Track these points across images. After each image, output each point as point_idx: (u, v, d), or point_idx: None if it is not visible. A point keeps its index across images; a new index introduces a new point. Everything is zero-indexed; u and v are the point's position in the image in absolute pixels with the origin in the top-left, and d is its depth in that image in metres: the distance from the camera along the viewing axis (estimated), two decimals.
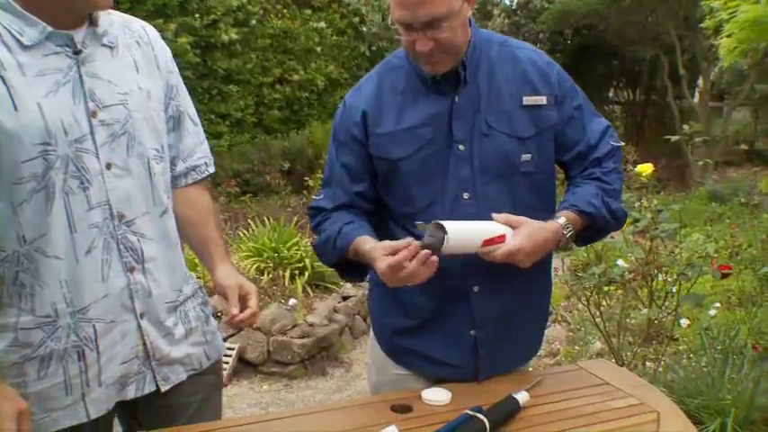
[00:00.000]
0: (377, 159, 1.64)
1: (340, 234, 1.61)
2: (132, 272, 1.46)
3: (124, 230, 1.45)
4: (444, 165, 1.59)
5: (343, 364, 4.62)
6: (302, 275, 5.05)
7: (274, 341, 4.43)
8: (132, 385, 1.50)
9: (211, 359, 1.64)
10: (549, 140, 1.64)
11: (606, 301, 3.56)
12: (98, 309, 1.43)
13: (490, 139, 1.59)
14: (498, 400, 1.50)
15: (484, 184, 1.59)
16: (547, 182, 1.68)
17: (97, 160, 1.41)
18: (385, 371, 1.78)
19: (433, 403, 1.55)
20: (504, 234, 1.51)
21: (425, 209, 1.59)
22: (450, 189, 1.59)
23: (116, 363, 1.47)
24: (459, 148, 1.59)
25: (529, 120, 1.61)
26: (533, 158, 1.61)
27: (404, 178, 1.61)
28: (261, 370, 4.42)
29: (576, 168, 1.69)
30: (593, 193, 1.62)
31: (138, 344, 1.49)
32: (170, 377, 1.55)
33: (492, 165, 1.59)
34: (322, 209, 1.70)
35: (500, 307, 1.64)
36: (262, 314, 4.53)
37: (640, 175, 3.22)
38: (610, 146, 1.67)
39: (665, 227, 3.11)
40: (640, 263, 3.23)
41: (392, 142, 1.61)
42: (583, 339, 4.31)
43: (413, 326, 1.70)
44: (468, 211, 1.58)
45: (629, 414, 1.53)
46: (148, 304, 1.50)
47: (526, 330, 1.74)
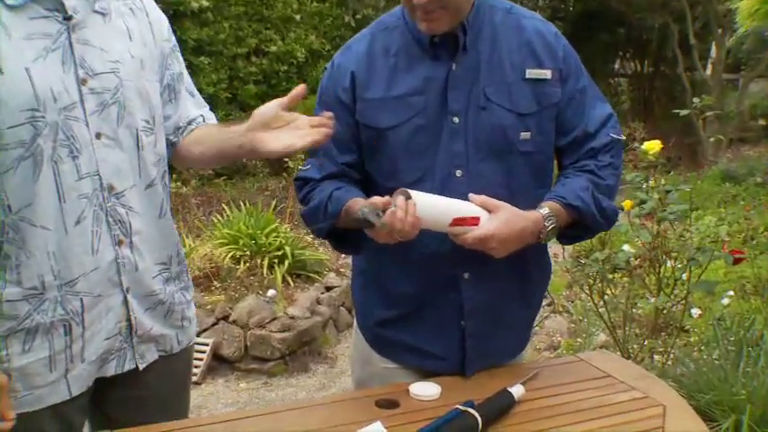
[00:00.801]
0: (363, 127, 1.64)
1: (331, 199, 1.61)
2: (120, 245, 1.55)
3: (113, 202, 1.53)
4: (436, 138, 1.60)
5: (327, 360, 4.63)
6: (282, 264, 5.05)
7: (252, 335, 4.43)
8: (113, 362, 1.59)
9: (182, 344, 1.73)
10: (550, 119, 1.64)
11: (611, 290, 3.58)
12: (86, 282, 1.51)
13: (488, 113, 1.59)
14: (491, 395, 1.52)
15: (478, 162, 1.60)
16: (546, 164, 1.68)
17: (87, 129, 1.48)
18: (369, 364, 1.79)
19: (421, 398, 1.56)
20: (478, 216, 1.51)
21: (413, 185, 1.59)
22: (441, 165, 1.60)
23: (100, 338, 1.55)
24: (453, 121, 1.59)
25: (531, 95, 1.61)
26: (533, 137, 1.62)
27: (391, 150, 1.62)
28: (238, 367, 4.43)
29: (569, 156, 1.69)
30: (584, 186, 1.62)
31: (122, 319, 1.58)
32: (146, 355, 1.64)
33: (488, 141, 1.59)
34: (309, 179, 1.70)
35: (491, 295, 1.65)
36: (238, 307, 4.53)
37: (647, 153, 3.24)
38: (609, 138, 1.67)
39: (674, 209, 3.13)
40: (647, 248, 3.25)
41: (380, 109, 1.61)
42: (586, 331, 4.34)
43: (398, 316, 1.71)
44: (461, 190, 1.58)
45: (633, 408, 1.55)
46: (134, 279, 1.58)
47: (517, 321, 1.76)
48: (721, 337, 3.47)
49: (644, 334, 3.61)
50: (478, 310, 1.66)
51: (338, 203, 1.59)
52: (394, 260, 1.64)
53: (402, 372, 1.74)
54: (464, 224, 1.49)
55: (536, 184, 1.65)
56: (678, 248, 3.25)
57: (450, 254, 1.60)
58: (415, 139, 1.60)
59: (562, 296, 5.06)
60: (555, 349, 4.32)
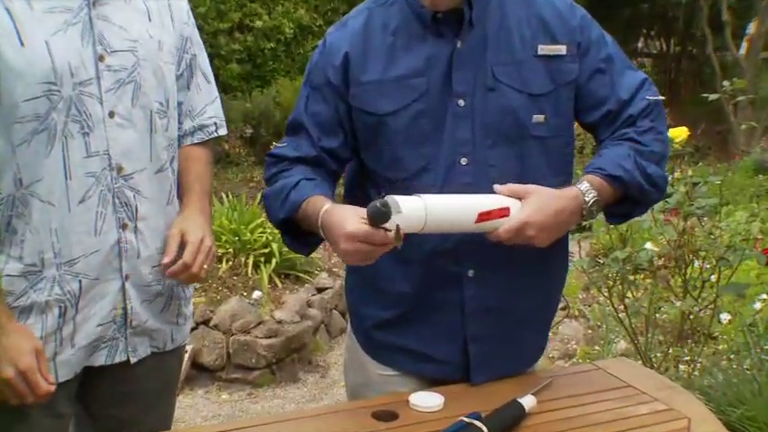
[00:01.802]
0: (359, 113, 1.65)
1: (296, 187, 1.62)
2: (124, 229, 1.65)
3: (121, 184, 1.64)
4: (440, 123, 1.60)
5: (319, 369, 4.65)
6: (268, 263, 5.05)
7: (235, 342, 4.44)
8: (104, 351, 1.69)
9: (176, 342, 1.84)
10: (567, 99, 1.65)
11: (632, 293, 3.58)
12: (86, 264, 1.61)
13: (496, 95, 1.60)
14: (500, 406, 1.52)
15: (486, 149, 1.60)
16: (563, 149, 1.69)
17: (100, 106, 1.60)
18: (364, 371, 1.81)
19: (422, 409, 1.57)
20: (507, 207, 1.50)
21: (415, 175, 1.61)
22: (445, 153, 1.61)
23: (92, 324, 1.65)
24: (458, 104, 1.60)
25: (544, 73, 1.62)
26: (547, 120, 1.62)
27: (392, 137, 1.62)
28: (219, 376, 4.44)
29: (606, 131, 1.69)
30: (624, 154, 1.61)
31: (118, 307, 1.68)
32: (138, 349, 1.74)
33: (497, 125, 1.60)
34: (282, 157, 1.71)
35: (499, 296, 1.66)
36: (220, 310, 4.54)
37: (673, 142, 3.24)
38: (646, 101, 1.66)
39: (702, 203, 3.14)
40: (672, 246, 3.26)
41: (379, 93, 1.62)
42: (604, 338, 4.35)
43: (395, 317, 1.72)
44: (466, 180, 1.59)
45: (655, 421, 1.56)
46: (135, 266, 1.68)
47: (531, 325, 1.77)
48: (753, 344, 3.48)
49: (668, 341, 3.62)
50: (482, 312, 1.67)
51: (301, 194, 1.61)
52: (390, 257, 1.66)
53: (399, 379, 1.76)
54: (491, 218, 1.48)
55: (552, 172, 1.65)
56: (706, 247, 3.25)
57: (453, 250, 1.61)
58: (417, 125, 1.60)
59: (578, 299, 5.07)
60: (570, 357, 4.34)
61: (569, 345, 4.50)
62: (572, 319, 4.79)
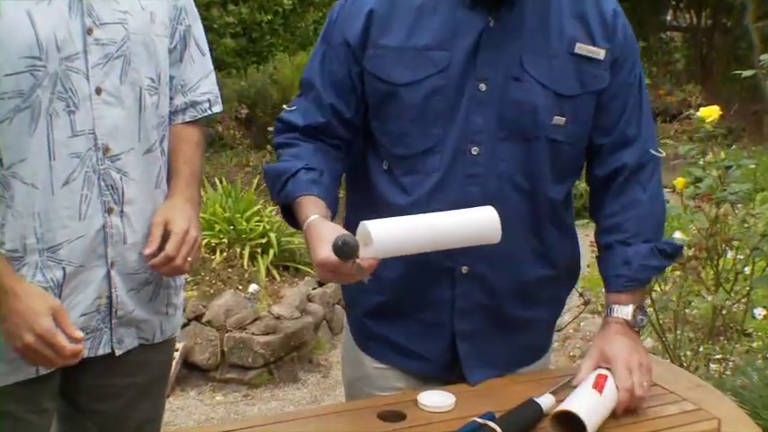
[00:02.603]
0: (372, 79, 1.65)
1: (295, 177, 1.63)
2: (110, 213, 1.67)
3: (107, 166, 1.65)
4: (455, 104, 1.61)
5: (320, 369, 4.67)
6: (266, 254, 5.07)
7: (230, 339, 4.46)
8: (87, 342, 1.66)
9: (165, 334, 1.85)
10: (590, 107, 1.67)
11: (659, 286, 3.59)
12: (70, 250, 1.63)
13: (520, 86, 1.61)
14: (515, 406, 1.54)
15: (498, 141, 1.62)
16: (574, 160, 1.72)
17: (87, 83, 1.61)
18: (359, 365, 1.84)
19: (431, 409, 1.58)
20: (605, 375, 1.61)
21: (420, 156, 1.62)
22: (455, 137, 1.62)
23: (75, 313, 1.65)
24: (479, 88, 1.60)
25: (575, 74, 1.63)
26: (567, 124, 1.64)
27: (402, 111, 1.63)
28: (213, 376, 4.46)
29: (600, 165, 1.73)
30: (645, 253, 1.69)
31: (103, 296, 1.69)
32: (124, 340, 1.75)
33: (514, 118, 1.61)
34: (291, 125, 1.72)
35: (493, 295, 1.68)
36: (213, 305, 4.56)
37: (704, 122, 3.24)
38: (650, 156, 1.72)
39: (735, 189, 3.14)
40: (703, 236, 3.26)
41: (396, 61, 1.62)
42: None
43: (385, 304, 1.74)
44: (474, 170, 1.61)
45: (683, 422, 1.58)
46: (121, 252, 1.70)
47: (528, 329, 1.79)
48: None
49: (698, 338, 3.63)
50: (473, 310, 1.69)
51: (295, 189, 1.62)
52: None
53: (393, 374, 1.79)
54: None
55: (555, 178, 1.68)
56: (740, 236, 3.25)
57: None
58: (431, 103, 1.61)
59: (601, 294, 5.05)
60: None
61: (591, 342, 4.50)
62: (595, 314, 4.78)
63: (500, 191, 1.62)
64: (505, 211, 1.55)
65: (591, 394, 1.54)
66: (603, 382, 1.56)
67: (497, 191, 1.61)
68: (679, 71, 12.39)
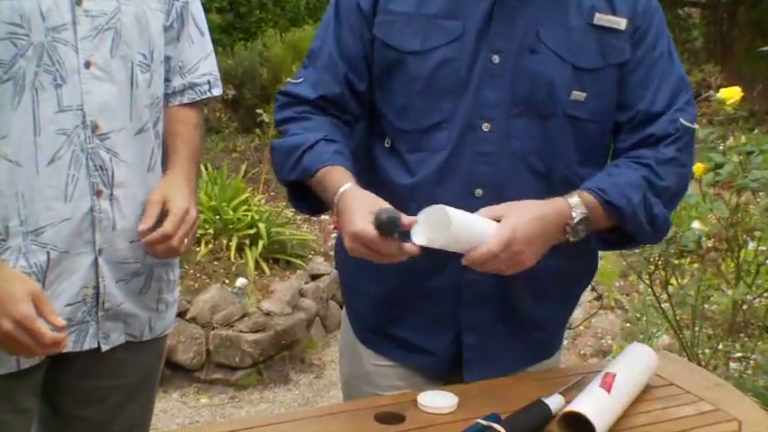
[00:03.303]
0: (380, 45, 1.67)
1: (313, 148, 1.63)
2: (99, 196, 1.68)
3: (96, 145, 1.66)
4: (466, 77, 1.62)
5: (313, 369, 4.67)
6: (254, 246, 5.07)
7: (216, 337, 4.45)
8: (71, 336, 1.67)
9: (155, 332, 1.87)
10: (613, 81, 1.67)
11: (676, 280, 3.60)
12: (55, 234, 1.63)
13: (536, 59, 1.61)
14: (522, 407, 1.54)
15: (512, 117, 1.63)
16: (599, 139, 1.72)
17: (75, 55, 1.62)
18: (357, 360, 1.86)
19: (432, 411, 1.58)
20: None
21: (426, 131, 1.63)
22: (464, 112, 1.63)
23: (60, 303, 1.66)
24: (492, 60, 1.62)
25: (596, 46, 1.63)
26: (587, 100, 1.64)
27: (409, 81, 1.65)
28: (197, 377, 4.46)
29: (624, 139, 1.72)
30: (635, 183, 1.63)
31: (89, 285, 1.70)
32: (111, 335, 1.76)
33: (529, 93, 1.62)
34: (300, 98, 1.72)
35: (503, 284, 1.68)
36: (198, 300, 4.56)
37: (725, 104, 3.24)
38: (678, 125, 1.68)
39: (757, 175, 3.14)
40: (724, 225, 3.26)
41: (405, 27, 1.64)
42: (644, 332, 4.36)
43: (388, 293, 1.75)
44: (485, 148, 1.62)
45: (701, 423, 1.58)
46: (110, 239, 1.71)
47: (538, 323, 1.79)
48: None
49: (718, 335, 3.63)
50: (481, 300, 1.69)
51: (318, 160, 1.62)
52: None
53: (394, 371, 1.80)
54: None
55: (580, 160, 1.68)
56: (762, 226, 3.26)
57: None
58: (440, 74, 1.62)
59: (614, 288, 5.08)
60: (605, 355, 4.35)
61: (604, 340, 4.52)
62: (607, 310, 4.80)
63: (512, 171, 1.62)
64: (517, 194, 1.56)
65: (599, 394, 1.54)
66: (612, 381, 1.56)
67: (509, 171, 1.62)
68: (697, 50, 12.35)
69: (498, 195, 1.59)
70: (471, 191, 1.63)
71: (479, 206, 1.55)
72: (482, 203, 1.57)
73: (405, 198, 1.60)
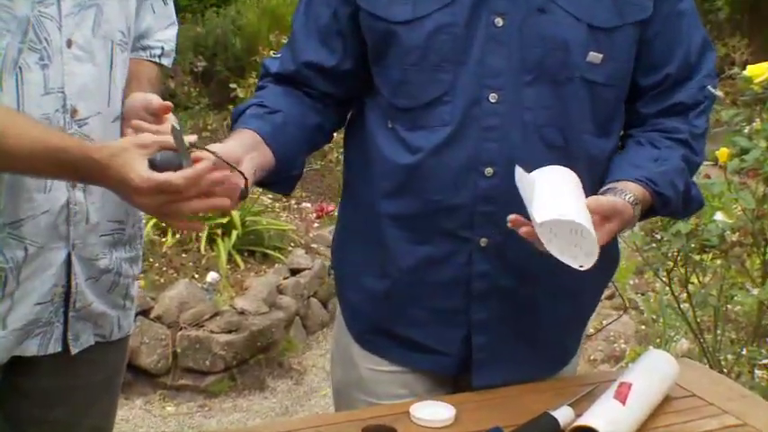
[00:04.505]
0: (367, 17, 1.67)
1: (243, 115, 1.69)
2: (74, 187, 1.69)
3: (74, 131, 1.66)
4: (466, 45, 1.62)
5: (292, 374, 4.68)
6: (227, 237, 5.06)
7: (184, 338, 4.46)
8: (36, 338, 1.70)
9: (123, 331, 1.90)
10: (632, 42, 1.67)
11: (697, 278, 3.61)
12: (34, 226, 1.65)
13: (546, 19, 1.61)
14: (528, 420, 1.54)
15: (522, 86, 1.62)
16: (614, 104, 1.72)
17: (59, 33, 1.63)
18: (351, 365, 1.85)
19: (426, 423, 1.58)
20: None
21: (427, 107, 1.63)
22: (468, 83, 1.62)
23: (30, 301, 1.69)
24: (495, 23, 1.61)
25: (611, 3, 1.63)
26: (604, 62, 1.64)
27: (403, 54, 1.65)
28: (162, 383, 4.46)
29: (649, 105, 1.74)
30: (680, 168, 1.68)
31: (59, 283, 1.71)
32: (80, 337, 1.78)
33: (541, 57, 1.62)
34: (267, 71, 1.79)
35: (517, 276, 1.68)
36: (164, 296, 4.55)
37: (752, 83, 3.24)
38: (707, 93, 1.71)
39: None
40: (749, 218, 3.27)
41: None
42: (661, 335, 4.38)
43: (391, 289, 1.75)
44: (491, 122, 1.62)
45: None
46: (83, 234, 1.73)
47: (556, 322, 1.79)
48: None
49: (742, 339, 3.64)
50: (493, 294, 1.69)
51: (237, 126, 1.68)
52: (387, 207, 1.70)
53: (393, 377, 1.80)
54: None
55: (597, 131, 1.69)
56: None
57: (465, 208, 1.63)
58: (436, 43, 1.62)
59: (628, 286, 5.09)
60: (617, 361, 4.37)
61: (616, 344, 4.54)
62: (620, 311, 4.81)
63: (525, 146, 1.62)
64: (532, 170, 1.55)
65: (613, 406, 1.55)
66: (627, 392, 1.57)
67: (522, 146, 1.62)
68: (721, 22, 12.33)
69: (511, 173, 1.58)
70: (480, 170, 1.63)
71: (490, 186, 1.59)
72: (493, 183, 1.60)
73: (405, 179, 1.63)
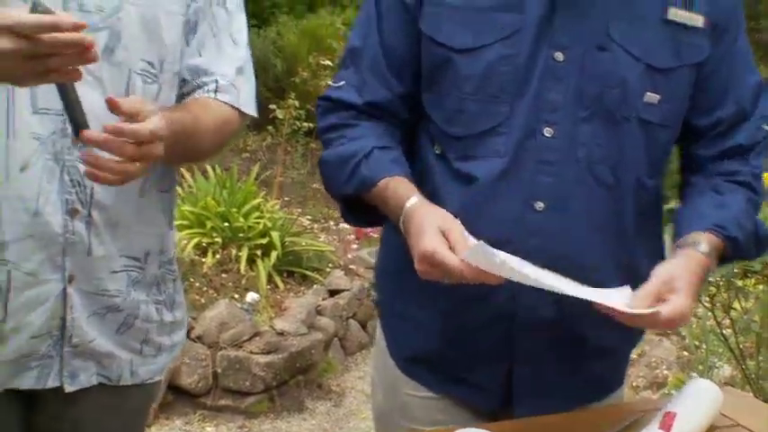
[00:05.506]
0: (427, 41, 1.67)
1: (369, 158, 1.65)
2: (73, 216, 1.60)
3: (76, 157, 1.58)
4: (526, 77, 1.62)
5: (331, 396, 4.70)
6: (267, 257, 5.09)
7: (224, 358, 4.47)
8: (33, 371, 1.65)
9: (138, 378, 1.79)
10: (687, 84, 1.68)
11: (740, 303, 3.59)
12: (19, 250, 1.57)
13: (606, 57, 1.62)
14: None
15: (578, 122, 1.62)
16: (667, 146, 1.73)
17: None
18: (393, 390, 1.86)
19: None
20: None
21: (480, 137, 1.63)
22: (524, 116, 1.62)
23: (25, 335, 1.62)
24: (555, 58, 1.62)
25: (670, 44, 1.64)
26: (661, 102, 1.65)
27: (461, 82, 1.64)
28: (203, 403, 4.47)
29: (706, 147, 1.74)
30: (745, 210, 1.68)
31: (56, 317, 1.63)
32: (78, 375, 1.69)
33: (599, 95, 1.62)
34: (345, 104, 1.73)
35: (561, 311, 1.66)
36: (204, 317, 4.57)
37: None
38: (765, 132, 1.71)
39: None
40: None
41: (456, 21, 1.63)
42: (703, 362, 4.35)
43: (434, 316, 1.75)
44: (546, 156, 1.62)
45: None
46: (83, 266, 1.64)
47: (601, 352, 1.78)
48: None
49: None
50: (538, 327, 1.67)
51: (376, 171, 1.63)
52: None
53: (435, 404, 1.80)
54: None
55: (649, 171, 1.69)
56: None
57: (513, 242, 1.60)
58: (496, 74, 1.62)
59: None
60: (659, 387, 4.34)
61: (658, 370, 4.51)
62: (662, 337, 4.78)
63: (578, 183, 1.62)
64: (583, 208, 1.58)
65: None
66: (672, 421, 1.57)
67: (575, 182, 1.62)
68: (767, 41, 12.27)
69: (561, 209, 1.60)
70: (531, 204, 1.62)
71: (539, 220, 1.59)
72: (542, 218, 1.59)
73: (454, 212, 1.59)
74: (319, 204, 6.47)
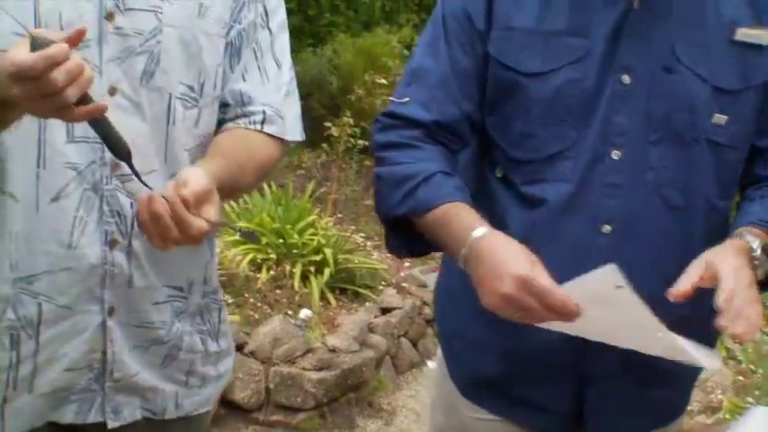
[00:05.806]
0: (495, 65, 1.66)
1: (430, 181, 1.62)
2: (113, 247, 1.57)
3: (115, 186, 1.55)
4: (593, 101, 1.62)
5: (382, 414, 4.69)
6: (320, 274, 5.10)
7: (277, 374, 4.48)
8: (73, 405, 1.62)
9: (183, 410, 1.77)
10: (755, 105, 1.67)
11: None
12: (51, 283, 1.54)
13: (674, 79, 1.61)
14: None
15: (647, 145, 1.62)
16: (736, 167, 1.71)
17: (99, 78, 1.49)
18: (455, 412, 1.85)
19: None
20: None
21: (548, 161, 1.63)
22: (592, 139, 1.62)
23: (60, 367, 1.59)
24: (622, 81, 1.61)
25: (737, 64, 1.63)
26: (728, 124, 1.64)
27: (529, 106, 1.64)
28: (254, 418, 4.47)
29: (763, 166, 1.73)
30: None
31: (97, 350, 1.61)
32: (122, 410, 1.67)
33: (667, 117, 1.62)
34: (410, 121, 1.70)
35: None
36: (258, 332, 4.58)
37: None
38: None
39: None
40: None
41: (525, 45, 1.64)
42: (760, 387, 4.30)
43: (495, 336, 1.72)
44: (614, 179, 1.61)
45: None
46: (125, 298, 1.60)
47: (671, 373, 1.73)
48: None
49: None
50: (608, 352, 1.63)
51: (437, 195, 1.60)
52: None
53: (497, 426, 1.79)
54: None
55: (720, 193, 1.68)
56: None
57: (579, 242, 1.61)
58: (564, 97, 1.62)
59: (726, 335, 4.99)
60: (714, 412, 4.29)
61: (713, 395, 4.46)
62: None
63: (645, 205, 1.61)
64: (651, 232, 1.57)
65: None
66: None
67: (642, 205, 1.61)
68: None
69: (628, 232, 1.59)
70: (597, 227, 1.61)
71: (606, 244, 1.58)
72: (609, 241, 1.58)
73: (518, 236, 1.56)
74: (372, 222, 6.48)
